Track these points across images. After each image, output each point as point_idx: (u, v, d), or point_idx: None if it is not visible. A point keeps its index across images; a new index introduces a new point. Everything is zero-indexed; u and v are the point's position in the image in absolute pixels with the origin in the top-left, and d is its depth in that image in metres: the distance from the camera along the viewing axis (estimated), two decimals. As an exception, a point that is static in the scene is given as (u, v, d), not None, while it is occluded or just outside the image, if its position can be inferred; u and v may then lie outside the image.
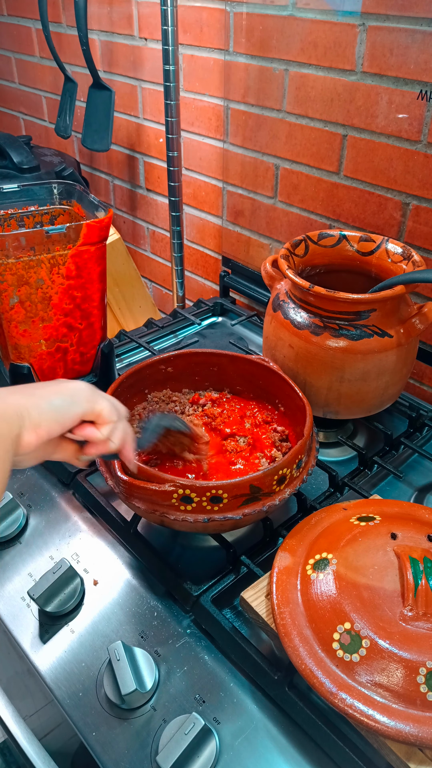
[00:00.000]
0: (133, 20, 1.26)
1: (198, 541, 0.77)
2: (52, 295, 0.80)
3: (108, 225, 0.79)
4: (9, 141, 1.28)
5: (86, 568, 0.75)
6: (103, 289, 0.84)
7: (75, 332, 0.84)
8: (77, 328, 0.84)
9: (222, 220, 1.29)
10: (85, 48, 1.24)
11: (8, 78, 1.78)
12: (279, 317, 0.87)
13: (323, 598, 0.58)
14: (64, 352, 0.85)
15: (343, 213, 1.04)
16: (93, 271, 0.81)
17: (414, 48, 0.84)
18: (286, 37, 0.99)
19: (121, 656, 0.61)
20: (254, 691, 0.62)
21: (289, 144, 1.07)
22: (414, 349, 0.86)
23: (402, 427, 0.94)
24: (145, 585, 0.73)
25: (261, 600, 0.64)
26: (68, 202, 0.91)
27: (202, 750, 0.57)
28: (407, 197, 0.94)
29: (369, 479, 0.85)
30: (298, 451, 0.68)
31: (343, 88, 0.95)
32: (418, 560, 0.58)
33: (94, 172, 1.61)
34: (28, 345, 0.82)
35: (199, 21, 1.12)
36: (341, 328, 0.80)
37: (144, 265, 1.61)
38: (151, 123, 1.35)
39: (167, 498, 0.64)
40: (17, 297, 0.77)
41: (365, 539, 0.62)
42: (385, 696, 0.52)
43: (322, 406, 0.86)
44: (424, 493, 0.85)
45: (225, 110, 1.16)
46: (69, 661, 0.65)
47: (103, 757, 0.58)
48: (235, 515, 0.65)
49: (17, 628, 0.69)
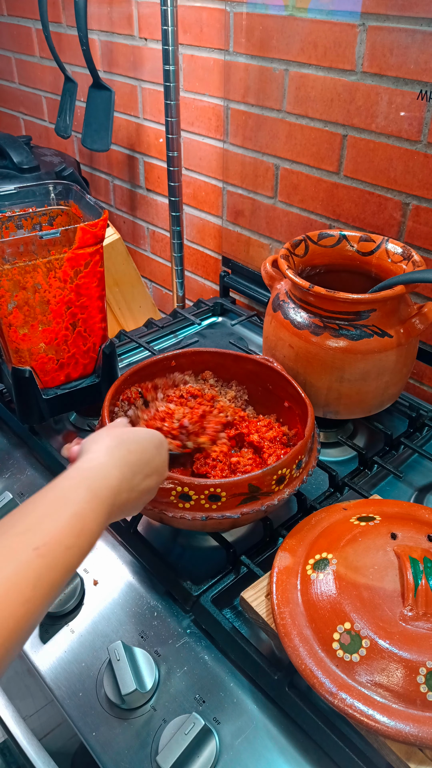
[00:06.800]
0: (133, 20, 1.27)
1: (198, 541, 0.77)
2: (50, 298, 0.79)
3: (103, 227, 0.79)
4: (9, 141, 1.28)
5: (86, 568, 0.75)
6: (103, 290, 0.84)
7: (75, 334, 0.84)
8: (77, 331, 0.84)
9: (222, 220, 1.29)
10: (85, 48, 1.24)
11: (8, 78, 1.78)
12: (279, 317, 0.87)
13: (323, 598, 0.58)
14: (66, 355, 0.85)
15: (343, 213, 1.04)
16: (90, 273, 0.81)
17: (414, 48, 0.84)
18: (286, 37, 0.99)
19: (121, 656, 0.61)
20: (254, 691, 0.62)
21: (289, 144, 1.07)
22: (414, 349, 0.86)
23: (402, 427, 0.94)
24: (145, 585, 0.73)
25: (261, 600, 0.64)
26: (66, 202, 0.91)
27: (202, 750, 0.57)
28: (407, 197, 0.94)
29: (369, 479, 0.85)
30: (299, 451, 0.68)
31: (343, 88, 0.95)
32: (418, 560, 0.58)
33: (94, 172, 1.61)
34: (29, 349, 0.82)
35: (199, 21, 1.12)
36: (341, 328, 0.80)
37: (144, 265, 1.61)
38: (151, 123, 1.35)
39: (166, 495, 0.64)
40: (15, 302, 0.77)
41: (365, 539, 0.62)
42: (385, 696, 0.52)
43: (322, 406, 0.86)
44: (424, 493, 0.85)
45: (225, 110, 1.16)
46: (69, 661, 0.65)
47: (103, 757, 0.58)
48: (234, 514, 0.65)
49: (17, 628, 0.69)
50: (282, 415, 0.83)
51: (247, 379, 0.87)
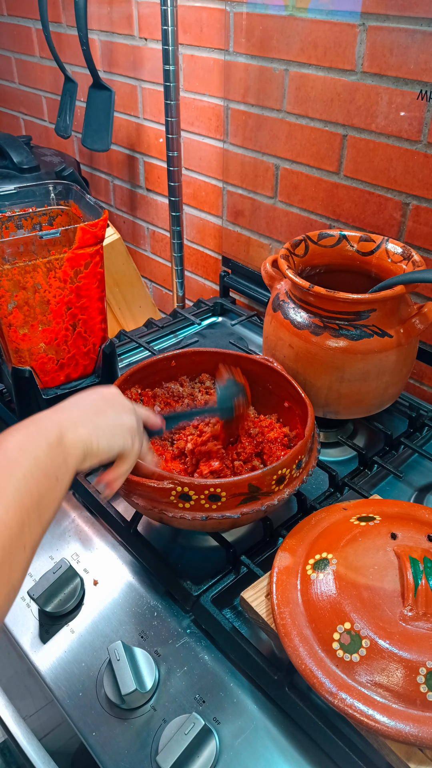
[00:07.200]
0: (133, 20, 1.27)
1: (198, 541, 0.77)
2: (50, 298, 0.79)
3: (103, 227, 0.79)
4: (9, 141, 1.28)
5: (86, 568, 0.75)
6: (103, 292, 0.84)
7: (75, 335, 0.84)
8: (77, 332, 0.84)
9: (222, 220, 1.29)
10: (85, 48, 1.24)
11: (8, 78, 1.78)
12: (279, 317, 0.87)
13: (323, 598, 0.58)
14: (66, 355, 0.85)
15: (343, 213, 1.04)
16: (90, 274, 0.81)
17: (414, 48, 0.84)
18: (286, 37, 0.99)
19: (121, 656, 0.61)
20: (254, 691, 0.62)
21: (289, 144, 1.07)
22: (414, 349, 0.86)
23: (402, 427, 0.94)
24: (145, 585, 0.73)
25: (261, 600, 0.64)
26: (66, 202, 0.91)
27: (202, 750, 0.57)
28: (407, 197, 0.94)
29: (369, 479, 0.85)
30: (298, 451, 0.68)
31: (343, 88, 0.95)
32: (418, 560, 0.58)
33: (94, 172, 1.61)
34: (29, 349, 0.82)
35: (199, 21, 1.12)
36: (341, 328, 0.80)
37: (144, 265, 1.61)
38: (151, 123, 1.35)
39: (166, 495, 0.64)
40: (15, 302, 0.77)
41: (365, 539, 0.62)
42: (385, 696, 0.52)
43: (322, 406, 0.86)
44: (424, 493, 0.85)
45: (225, 110, 1.16)
46: (69, 661, 0.65)
47: (103, 757, 0.58)
48: (233, 514, 0.65)
49: (17, 628, 0.69)
50: (282, 416, 0.83)
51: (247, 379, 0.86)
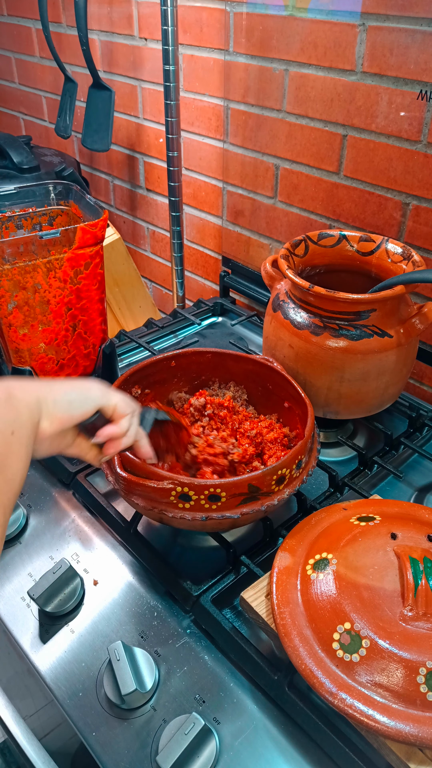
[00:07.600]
0: (133, 20, 1.26)
1: (198, 541, 0.77)
2: (50, 298, 0.79)
3: (103, 227, 0.79)
4: (9, 141, 1.28)
5: (86, 568, 0.75)
6: (103, 293, 0.84)
7: (75, 334, 0.84)
8: (77, 331, 0.84)
9: (222, 220, 1.29)
10: (85, 48, 1.24)
11: (8, 78, 1.78)
12: (279, 317, 0.87)
13: (323, 598, 0.58)
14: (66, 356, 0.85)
15: (343, 213, 1.04)
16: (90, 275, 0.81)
17: (414, 48, 0.84)
18: (286, 37, 0.99)
19: (121, 656, 0.61)
20: (254, 691, 0.62)
21: (289, 144, 1.07)
22: (414, 349, 0.86)
23: (402, 427, 0.94)
24: (145, 585, 0.73)
25: (261, 600, 0.64)
26: (66, 202, 0.91)
27: (202, 750, 0.57)
28: (407, 197, 0.94)
29: (369, 479, 0.85)
30: (298, 451, 0.68)
31: (343, 88, 0.95)
32: (418, 560, 0.58)
33: (94, 172, 1.61)
34: (29, 349, 0.82)
35: (199, 21, 1.12)
36: (341, 328, 0.80)
37: (144, 265, 1.61)
38: (151, 123, 1.35)
39: (165, 495, 0.64)
40: (15, 302, 0.77)
41: (365, 539, 0.62)
42: (385, 696, 0.52)
43: (322, 406, 0.86)
44: (424, 493, 0.85)
45: (225, 110, 1.16)
46: (69, 661, 0.65)
47: (103, 757, 0.58)
48: (233, 514, 0.65)
49: (17, 628, 0.69)
50: (282, 416, 0.83)
51: (247, 379, 0.87)
